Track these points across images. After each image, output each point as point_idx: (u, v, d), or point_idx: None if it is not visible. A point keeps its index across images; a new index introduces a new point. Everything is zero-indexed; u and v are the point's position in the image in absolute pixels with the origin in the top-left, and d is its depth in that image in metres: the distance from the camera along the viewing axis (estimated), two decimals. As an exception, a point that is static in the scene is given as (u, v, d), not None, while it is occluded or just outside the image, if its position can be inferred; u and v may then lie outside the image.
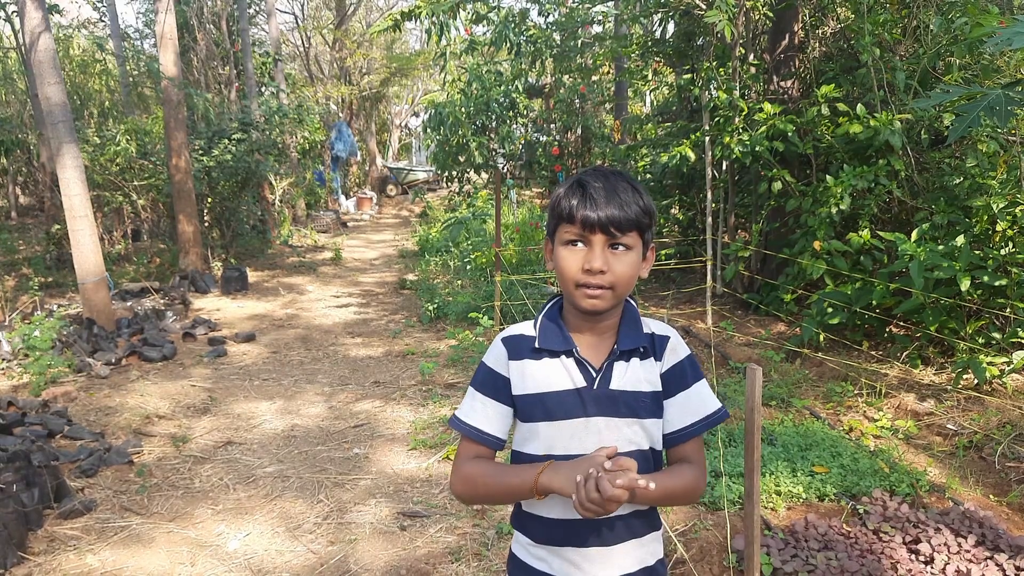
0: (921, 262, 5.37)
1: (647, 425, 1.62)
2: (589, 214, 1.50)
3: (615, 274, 1.52)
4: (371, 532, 3.91)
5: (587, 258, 1.51)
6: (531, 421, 1.62)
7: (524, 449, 1.65)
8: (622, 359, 1.61)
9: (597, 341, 1.63)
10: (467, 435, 1.66)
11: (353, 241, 16.12)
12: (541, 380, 1.61)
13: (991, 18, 4.73)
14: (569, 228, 1.53)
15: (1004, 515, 3.82)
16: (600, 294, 1.52)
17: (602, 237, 1.51)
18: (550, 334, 1.63)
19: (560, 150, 13.39)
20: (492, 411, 1.65)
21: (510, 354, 1.65)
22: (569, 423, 1.59)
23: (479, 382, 1.68)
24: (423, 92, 28.19)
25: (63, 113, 7.10)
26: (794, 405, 5.29)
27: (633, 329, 1.64)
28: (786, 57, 7.92)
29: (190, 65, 14.62)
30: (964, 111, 3.82)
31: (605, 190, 1.51)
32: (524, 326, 1.69)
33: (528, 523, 1.68)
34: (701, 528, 3.66)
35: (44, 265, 11.03)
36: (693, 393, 1.64)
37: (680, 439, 1.64)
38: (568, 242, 1.54)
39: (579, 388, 1.59)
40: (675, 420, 1.64)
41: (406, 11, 8.58)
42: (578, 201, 1.52)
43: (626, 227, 1.51)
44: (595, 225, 1.50)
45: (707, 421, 1.64)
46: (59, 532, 3.90)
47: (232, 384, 6.38)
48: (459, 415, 1.68)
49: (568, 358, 1.61)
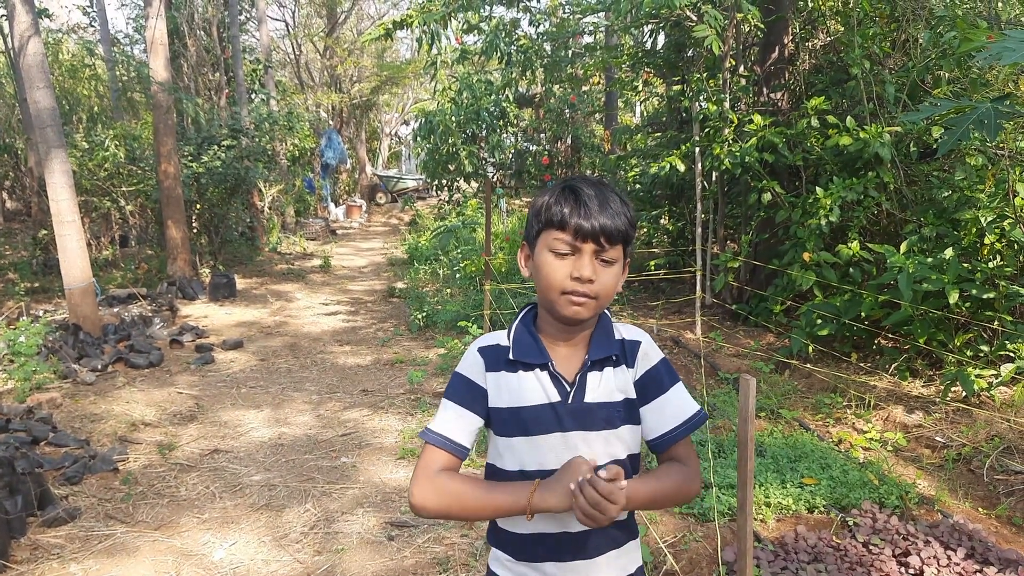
0: (910, 274, 5.39)
1: (622, 433, 1.60)
2: (583, 223, 1.48)
3: (601, 284, 1.51)
4: (358, 542, 3.88)
5: (576, 266, 1.49)
6: (507, 436, 1.59)
7: (499, 464, 1.62)
8: (594, 369, 1.59)
9: (570, 352, 1.61)
10: (435, 444, 1.59)
11: (342, 249, 16.08)
12: (516, 394, 1.58)
13: (980, 32, 4.75)
14: (559, 235, 1.50)
15: (993, 528, 3.82)
16: (585, 302, 1.50)
17: (592, 246, 1.49)
18: (525, 346, 1.60)
19: (550, 159, 13.39)
20: (464, 421, 1.60)
21: (487, 365, 1.61)
22: (546, 438, 1.56)
23: (453, 392, 1.63)
24: (413, 100, 28.21)
25: (51, 118, 7.05)
26: (783, 416, 5.30)
27: (604, 338, 1.61)
28: (776, 69, 7.96)
29: (180, 71, 14.57)
30: (953, 124, 3.84)
31: (598, 199, 1.50)
32: (497, 336, 1.65)
33: (506, 540, 1.65)
34: (691, 540, 3.65)
35: (30, 270, 10.95)
36: (671, 397, 1.62)
37: (665, 444, 1.61)
38: (556, 250, 1.51)
39: (553, 403, 1.57)
40: (656, 426, 1.61)
41: (398, 20, 8.59)
42: (571, 209, 1.49)
43: (615, 238, 1.50)
44: (587, 234, 1.48)
45: (688, 424, 1.61)
46: (42, 540, 3.85)
47: (219, 392, 6.34)
48: (430, 427, 1.62)
49: (543, 371, 1.58)
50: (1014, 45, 3.44)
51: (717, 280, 7.90)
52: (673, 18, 7.82)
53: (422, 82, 25.39)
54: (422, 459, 1.60)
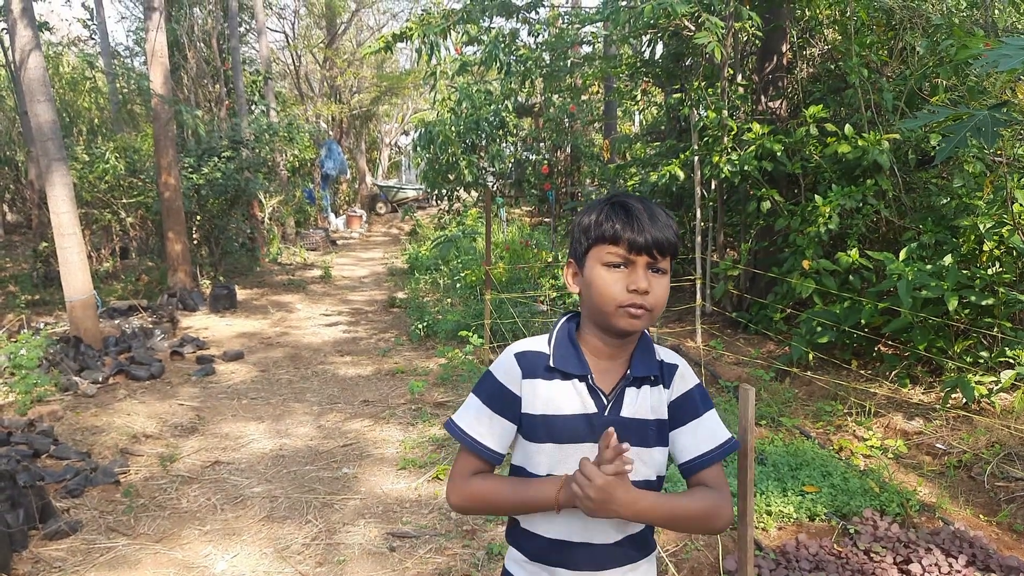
0: (909, 281, 5.40)
1: (654, 454, 1.61)
2: (636, 237, 1.51)
3: (655, 296, 1.53)
4: (360, 553, 3.88)
5: (631, 279, 1.52)
6: (537, 441, 1.61)
7: (527, 467, 1.63)
8: (633, 385, 1.61)
9: (610, 366, 1.62)
10: (468, 447, 1.64)
11: (342, 259, 16.10)
12: (551, 402, 1.60)
13: (977, 40, 4.77)
14: (613, 250, 1.53)
15: (994, 535, 3.82)
16: (641, 314, 1.53)
17: (645, 259, 1.52)
18: (566, 355, 1.61)
19: (549, 169, 13.44)
20: (497, 427, 1.63)
21: (524, 372, 1.62)
22: (577, 447, 1.58)
23: (486, 395, 1.65)
24: (413, 111, 28.24)
25: (52, 130, 7.08)
26: (784, 424, 5.30)
27: (647, 356, 1.64)
28: (774, 78, 7.99)
29: (180, 83, 14.63)
30: (951, 132, 3.85)
31: (647, 213, 1.53)
32: (537, 342, 1.67)
33: (524, 540, 1.67)
34: (692, 549, 3.65)
35: (31, 283, 10.96)
36: (705, 422, 1.65)
37: (696, 467, 1.63)
38: (610, 264, 1.54)
39: (589, 414, 1.58)
40: (688, 449, 1.63)
41: (397, 33, 8.62)
42: (623, 224, 1.52)
43: (666, 250, 1.53)
44: (641, 247, 1.51)
45: (721, 450, 1.64)
46: (44, 553, 3.85)
47: (220, 403, 6.34)
48: (460, 424, 1.66)
49: (581, 383, 1.60)
50: (1011, 52, 3.46)
51: (717, 288, 7.92)
52: (671, 28, 7.87)
53: (422, 92, 25.41)
54: (457, 462, 1.68)
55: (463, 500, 1.64)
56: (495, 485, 1.62)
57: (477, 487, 1.63)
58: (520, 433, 1.64)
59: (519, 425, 1.63)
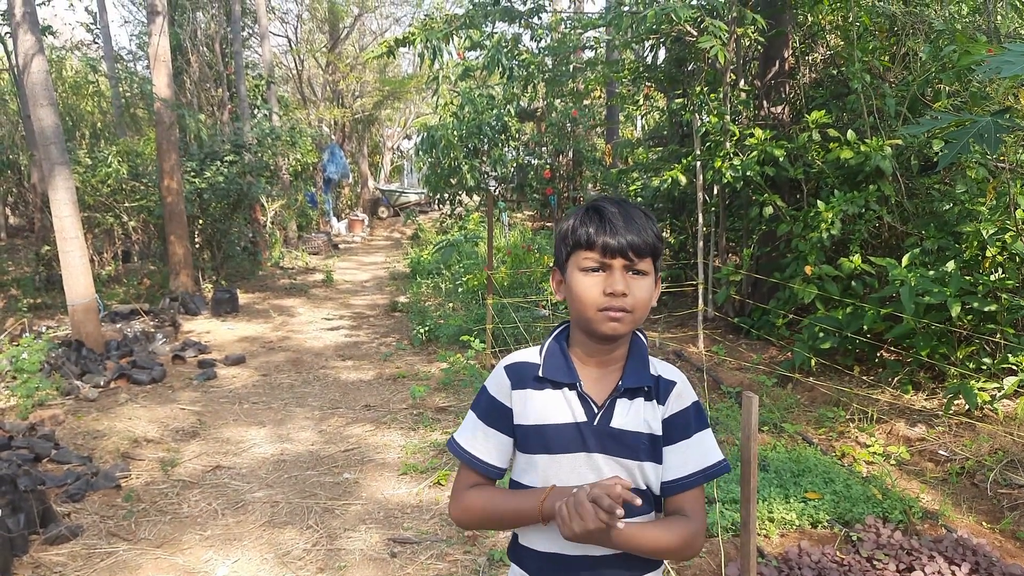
0: (912, 287, 5.39)
1: (645, 468, 1.58)
2: (609, 240, 1.51)
3: (635, 298, 1.52)
4: (361, 559, 3.87)
5: (608, 282, 1.51)
6: (529, 452, 1.61)
7: (522, 480, 1.63)
8: (625, 396, 1.59)
9: (601, 375, 1.61)
10: (467, 463, 1.65)
11: (345, 263, 16.10)
12: (541, 411, 1.59)
13: (979, 46, 4.78)
14: (588, 255, 1.53)
15: (997, 543, 3.81)
16: (621, 317, 1.52)
17: (621, 261, 1.52)
18: (556, 365, 1.61)
19: (552, 173, 13.44)
20: (493, 441, 1.64)
21: (513, 383, 1.63)
22: (568, 457, 1.57)
23: (481, 410, 1.66)
24: (415, 115, 28.31)
25: (55, 134, 7.09)
26: (786, 430, 5.29)
27: (640, 367, 1.62)
28: (777, 83, 7.99)
29: (183, 87, 14.65)
30: (954, 138, 3.85)
31: (622, 216, 1.53)
32: (528, 353, 1.67)
33: (524, 556, 1.66)
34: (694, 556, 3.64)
35: (33, 286, 10.97)
36: (695, 442, 1.61)
37: (677, 489, 1.59)
38: (587, 269, 1.54)
39: (579, 422, 1.57)
40: (673, 469, 1.60)
41: (400, 38, 8.63)
42: (596, 228, 1.52)
43: (644, 252, 1.53)
44: (615, 250, 1.51)
45: (706, 473, 1.60)
46: (44, 558, 3.85)
47: (221, 408, 6.34)
48: (460, 440, 1.67)
49: (571, 391, 1.59)
50: (1014, 58, 3.46)
51: (719, 293, 7.91)
52: (674, 33, 7.87)
53: (424, 96, 25.48)
54: (457, 478, 1.69)
55: (461, 513, 1.65)
56: (488, 496, 1.63)
57: (472, 499, 1.63)
58: (516, 446, 1.64)
59: (514, 438, 1.63)
